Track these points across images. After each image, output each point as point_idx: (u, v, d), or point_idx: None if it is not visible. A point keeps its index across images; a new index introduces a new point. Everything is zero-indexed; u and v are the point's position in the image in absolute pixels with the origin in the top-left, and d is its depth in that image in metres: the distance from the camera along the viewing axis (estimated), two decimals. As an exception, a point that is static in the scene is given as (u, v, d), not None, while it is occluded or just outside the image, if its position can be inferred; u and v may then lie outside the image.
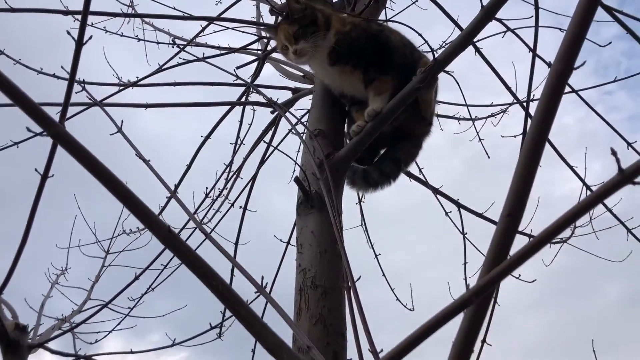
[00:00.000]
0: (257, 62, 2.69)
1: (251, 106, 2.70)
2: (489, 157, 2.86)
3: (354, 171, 2.12)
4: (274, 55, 2.83)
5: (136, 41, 3.11)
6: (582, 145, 2.99)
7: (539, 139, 0.91)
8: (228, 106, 2.60)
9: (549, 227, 0.67)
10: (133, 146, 1.47)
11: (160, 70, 2.59)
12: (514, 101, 2.72)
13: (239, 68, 2.45)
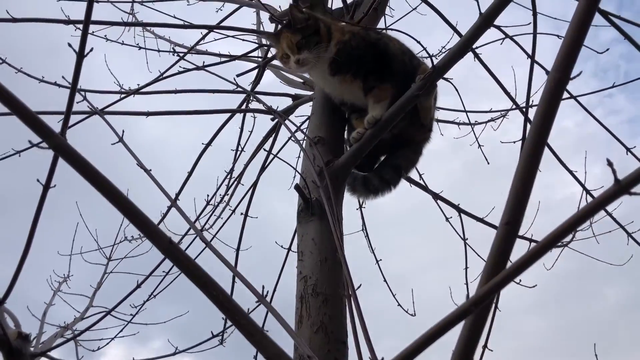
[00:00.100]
0: (257, 69, 2.70)
1: (251, 113, 2.71)
2: (488, 163, 2.86)
3: (354, 178, 2.13)
4: (274, 62, 2.84)
5: (137, 49, 3.13)
6: (582, 148, 2.99)
7: (536, 149, 0.92)
8: (229, 114, 2.61)
9: (542, 240, 0.68)
10: (134, 156, 1.47)
11: (161, 78, 2.60)
12: (513, 106, 2.74)
13: (239, 76, 2.47)
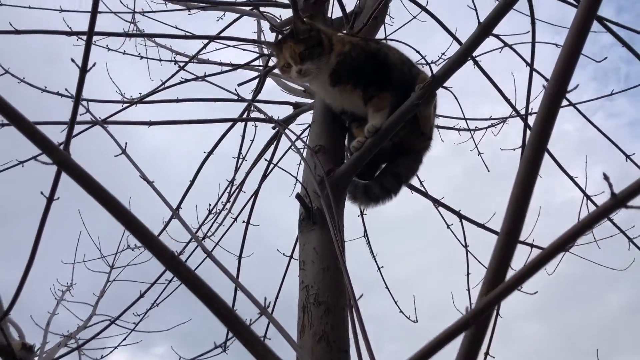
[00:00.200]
0: (258, 78, 2.72)
1: (252, 122, 2.73)
2: (488, 171, 2.87)
3: (355, 186, 2.14)
4: (275, 71, 2.86)
5: (139, 59, 3.15)
6: (583, 151, 3.01)
7: (534, 162, 0.93)
8: (230, 122, 2.63)
9: (536, 256, 0.69)
10: (137, 167, 1.49)
11: (163, 88, 2.62)
12: (513, 113, 2.75)
13: (240, 85, 2.48)
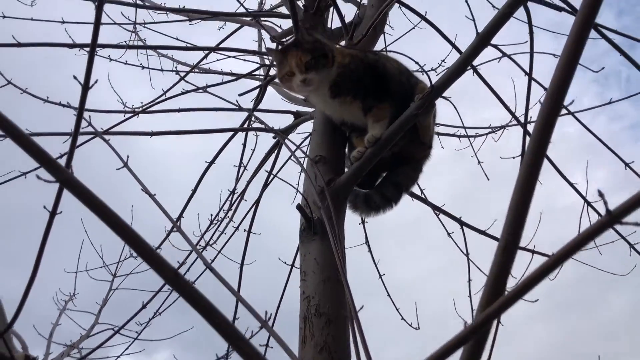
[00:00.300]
0: (259, 88, 2.74)
1: (254, 132, 2.75)
2: (488, 179, 2.88)
3: (355, 195, 2.15)
4: (276, 80, 2.88)
5: (140, 69, 3.17)
6: (585, 154, 3.02)
7: (530, 177, 0.94)
8: (231, 132, 2.65)
9: (532, 273, 0.70)
10: (139, 180, 1.51)
11: (165, 98, 2.64)
12: (512, 120, 2.77)
13: (241, 95, 2.50)
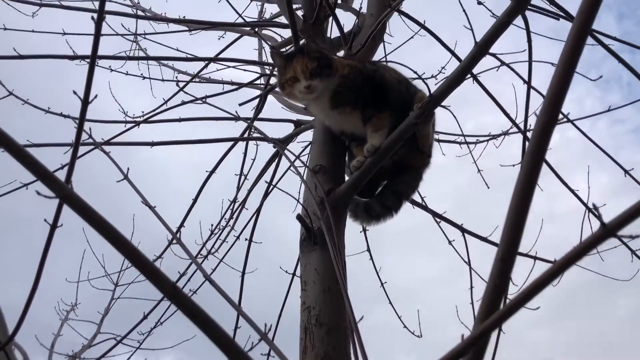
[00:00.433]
0: (259, 98, 2.75)
1: (254, 141, 2.76)
2: (488, 187, 2.88)
3: (356, 204, 2.15)
4: (276, 89, 2.89)
5: (141, 79, 3.19)
6: (588, 157, 3.01)
7: (527, 189, 0.95)
8: (231, 142, 2.66)
9: (527, 286, 0.70)
10: (139, 193, 1.51)
11: (165, 109, 2.66)
12: (512, 127, 2.78)
13: (241, 105, 2.51)
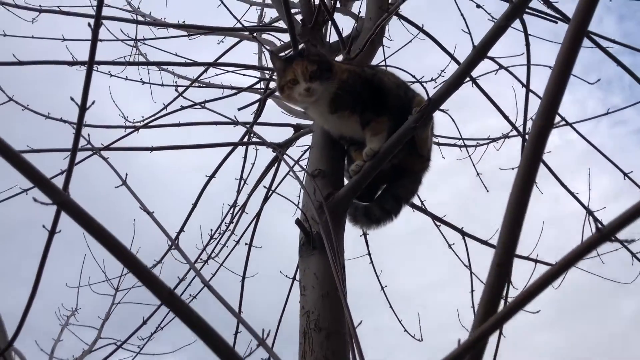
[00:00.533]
0: (259, 102, 2.76)
1: (253, 146, 2.76)
2: (487, 191, 2.89)
3: (355, 208, 2.15)
4: (276, 93, 2.90)
5: (141, 84, 3.20)
6: (589, 159, 3.01)
7: (524, 193, 0.95)
8: (230, 147, 2.66)
9: (523, 291, 0.71)
10: (137, 199, 1.52)
11: (165, 114, 2.67)
12: (512, 130, 2.78)
13: (240, 109, 2.52)
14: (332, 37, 2.69)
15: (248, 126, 2.57)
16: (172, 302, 0.95)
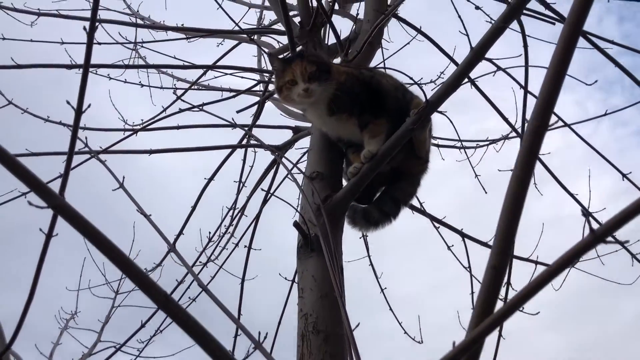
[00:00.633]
0: (257, 105, 2.76)
1: (252, 148, 2.76)
2: (486, 192, 2.88)
3: (354, 210, 2.15)
4: (275, 95, 2.90)
5: (139, 87, 3.20)
6: (591, 161, 3.01)
7: (518, 196, 0.95)
8: (229, 149, 2.66)
9: (518, 293, 0.70)
10: (134, 201, 1.52)
11: (164, 116, 2.67)
12: (511, 131, 2.78)
13: (238, 112, 2.51)
14: (331, 39, 2.69)
15: (246, 129, 2.57)
16: (168, 305, 0.95)
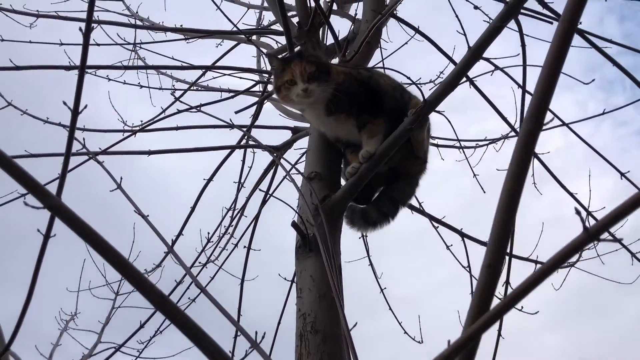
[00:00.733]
0: (256, 105, 2.76)
1: (251, 149, 2.77)
2: (484, 192, 2.88)
3: (352, 210, 2.15)
4: (274, 95, 2.90)
5: (138, 88, 3.21)
6: (591, 160, 3.01)
7: (513, 195, 0.95)
8: (228, 150, 2.67)
9: (511, 292, 0.70)
10: (132, 202, 1.52)
11: (163, 117, 2.67)
12: (511, 131, 2.78)
13: (237, 112, 2.52)
14: (329, 39, 2.69)
15: (245, 129, 2.57)
16: (165, 306, 0.95)
